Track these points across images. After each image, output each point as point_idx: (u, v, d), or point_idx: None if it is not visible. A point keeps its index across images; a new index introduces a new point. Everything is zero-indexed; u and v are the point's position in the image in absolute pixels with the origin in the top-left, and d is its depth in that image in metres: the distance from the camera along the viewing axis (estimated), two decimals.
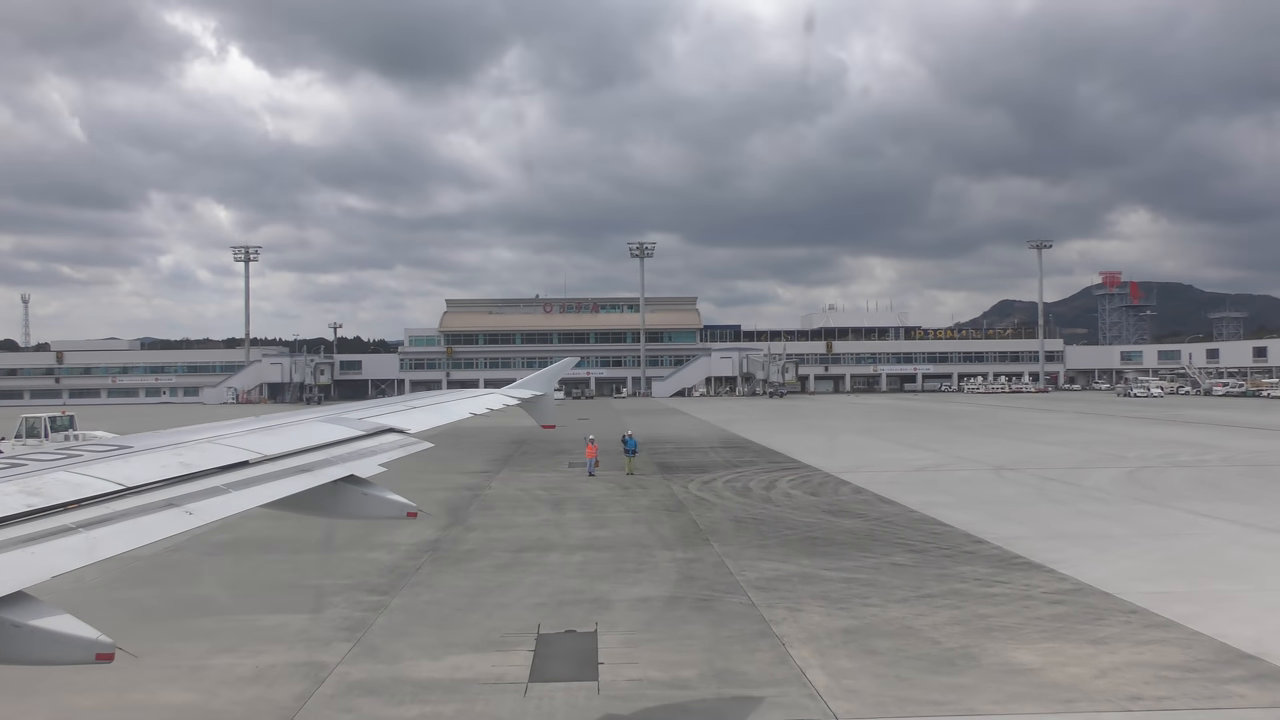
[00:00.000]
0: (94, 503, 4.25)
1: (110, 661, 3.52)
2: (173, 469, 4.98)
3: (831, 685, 12.01)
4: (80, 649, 3.49)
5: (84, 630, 3.51)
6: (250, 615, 15.99)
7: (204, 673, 12.90)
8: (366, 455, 6.41)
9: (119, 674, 12.79)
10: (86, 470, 4.67)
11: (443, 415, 9.00)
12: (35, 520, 3.90)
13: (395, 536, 23.39)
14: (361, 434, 6.91)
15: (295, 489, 5.40)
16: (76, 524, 3.99)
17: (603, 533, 23.57)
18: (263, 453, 5.72)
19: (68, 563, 3.71)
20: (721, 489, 31.68)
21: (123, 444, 5.52)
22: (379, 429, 7.20)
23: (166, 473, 4.89)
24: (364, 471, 6.06)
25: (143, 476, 4.72)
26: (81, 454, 5.07)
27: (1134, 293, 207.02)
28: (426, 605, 16.51)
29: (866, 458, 41.64)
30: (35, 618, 3.42)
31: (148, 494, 4.56)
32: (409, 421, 7.81)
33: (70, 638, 3.47)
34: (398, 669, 12.95)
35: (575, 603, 16.51)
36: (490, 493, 31.54)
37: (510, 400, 11.05)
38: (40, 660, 3.53)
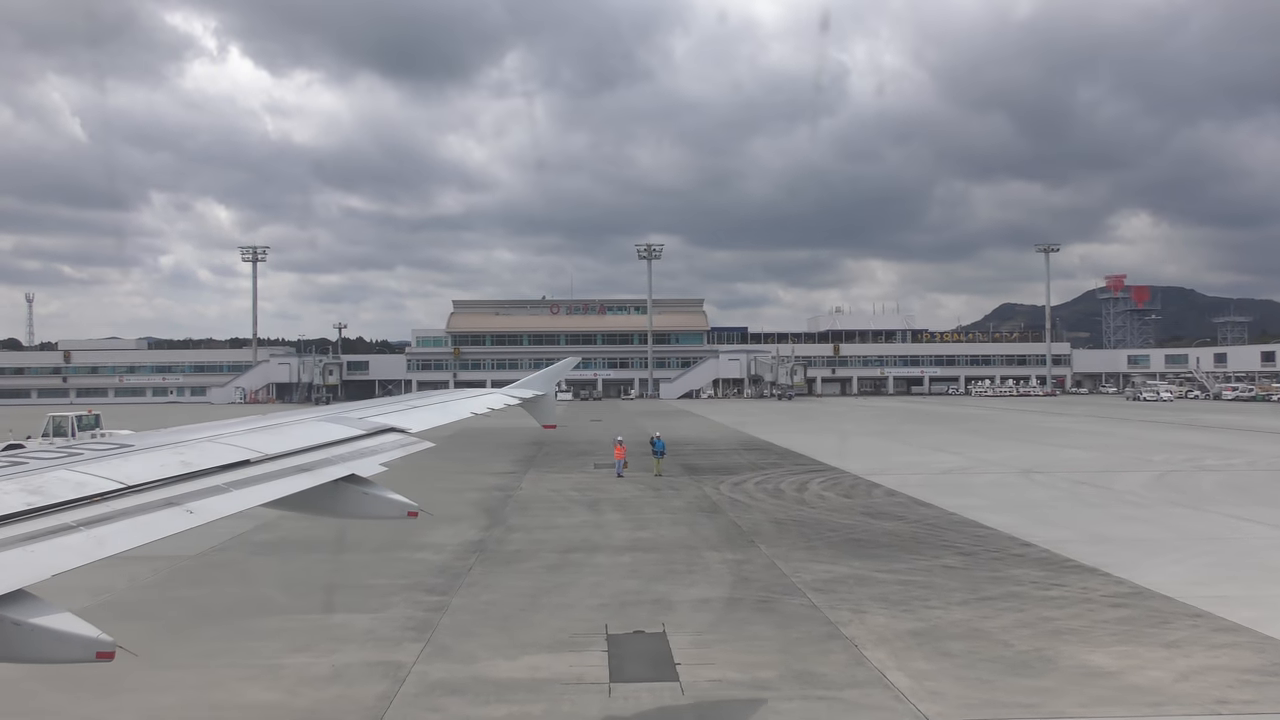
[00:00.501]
0: (95, 501, 4.26)
1: (110, 660, 3.51)
2: (173, 468, 5.00)
3: (915, 687, 12.00)
4: (80, 647, 3.48)
5: (84, 629, 3.51)
6: (313, 615, 15.99)
7: (281, 672, 12.89)
8: (367, 455, 6.43)
9: (199, 673, 12.83)
10: (87, 469, 4.68)
11: (444, 415, 9.01)
12: (36, 518, 3.90)
13: (438, 537, 23.41)
14: (362, 433, 6.94)
15: (296, 488, 5.41)
16: (77, 522, 3.99)
17: (645, 534, 23.56)
18: (263, 452, 5.74)
19: (69, 561, 3.70)
20: (753, 491, 31.66)
21: (124, 442, 5.53)
22: (380, 428, 7.24)
23: (167, 471, 4.91)
24: (365, 471, 6.07)
25: (143, 475, 4.74)
26: (82, 452, 5.09)
27: (1138, 297, 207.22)
28: (487, 605, 16.49)
29: (890, 460, 41.62)
30: (36, 616, 3.42)
31: (149, 493, 4.57)
32: (410, 421, 7.83)
33: (71, 636, 3.47)
34: (475, 669, 12.94)
35: (636, 603, 16.50)
36: (522, 494, 31.52)
37: (511, 400, 11.09)
38: (41, 658, 3.52)
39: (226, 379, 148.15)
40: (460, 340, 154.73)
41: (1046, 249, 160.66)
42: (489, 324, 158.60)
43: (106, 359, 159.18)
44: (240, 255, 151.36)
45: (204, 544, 22.09)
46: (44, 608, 3.47)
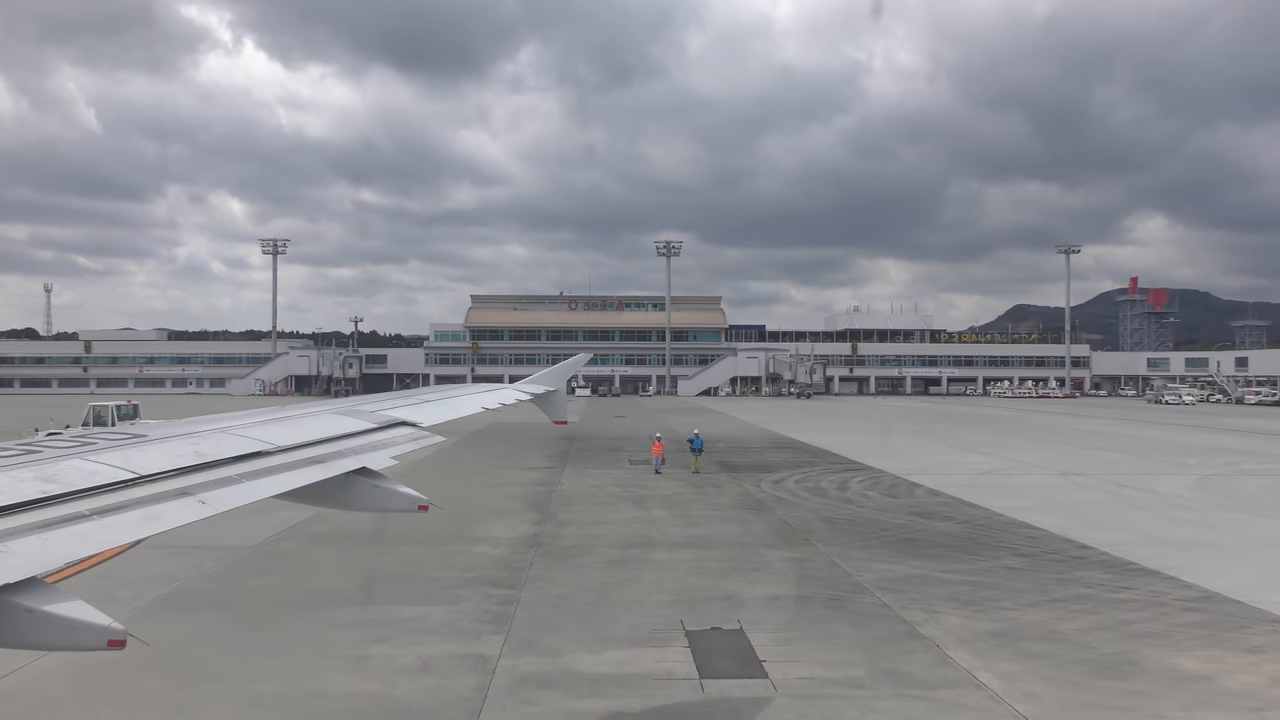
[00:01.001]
0: (108, 490, 4.28)
1: (122, 648, 3.49)
2: (187, 458, 5.03)
3: (1007, 688, 11.97)
4: (92, 635, 3.47)
5: (96, 616, 3.50)
6: (386, 606, 16.04)
7: (369, 663, 12.95)
8: (379, 448, 6.45)
9: (288, 662, 12.91)
10: (101, 458, 4.70)
11: (454, 409, 8.98)
12: (50, 507, 3.93)
13: (493, 531, 23.50)
14: (374, 427, 6.96)
15: (308, 480, 5.43)
16: (91, 511, 4.01)
17: (698, 530, 23.57)
18: (276, 443, 5.76)
19: (81, 549, 3.72)
20: (795, 489, 31.63)
21: (137, 433, 5.56)
22: (391, 422, 7.25)
23: (180, 462, 4.94)
24: (376, 464, 6.08)
25: (156, 465, 4.77)
26: (96, 442, 5.10)
27: (1156, 299, 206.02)
28: (558, 600, 16.52)
29: (925, 460, 41.50)
30: (48, 603, 3.42)
31: (161, 483, 4.60)
32: (421, 415, 7.83)
33: (83, 624, 3.46)
34: (562, 663, 12.97)
35: (706, 600, 16.51)
36: (565, 489, 31.55)
37: (522, 395, 11.09)
38: (53, 645, 3.54)
39: (245, 371, 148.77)
40: (478, 335, 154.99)
41: (1067, 250, 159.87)
42: (507, 319, 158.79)
43: (126, 349, 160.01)
44: (260, 248, 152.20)
45: (261, 534, 22.24)
46: (56, 595, 3.48)
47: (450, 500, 28.78)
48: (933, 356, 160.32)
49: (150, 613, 15.56)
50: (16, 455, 4.57)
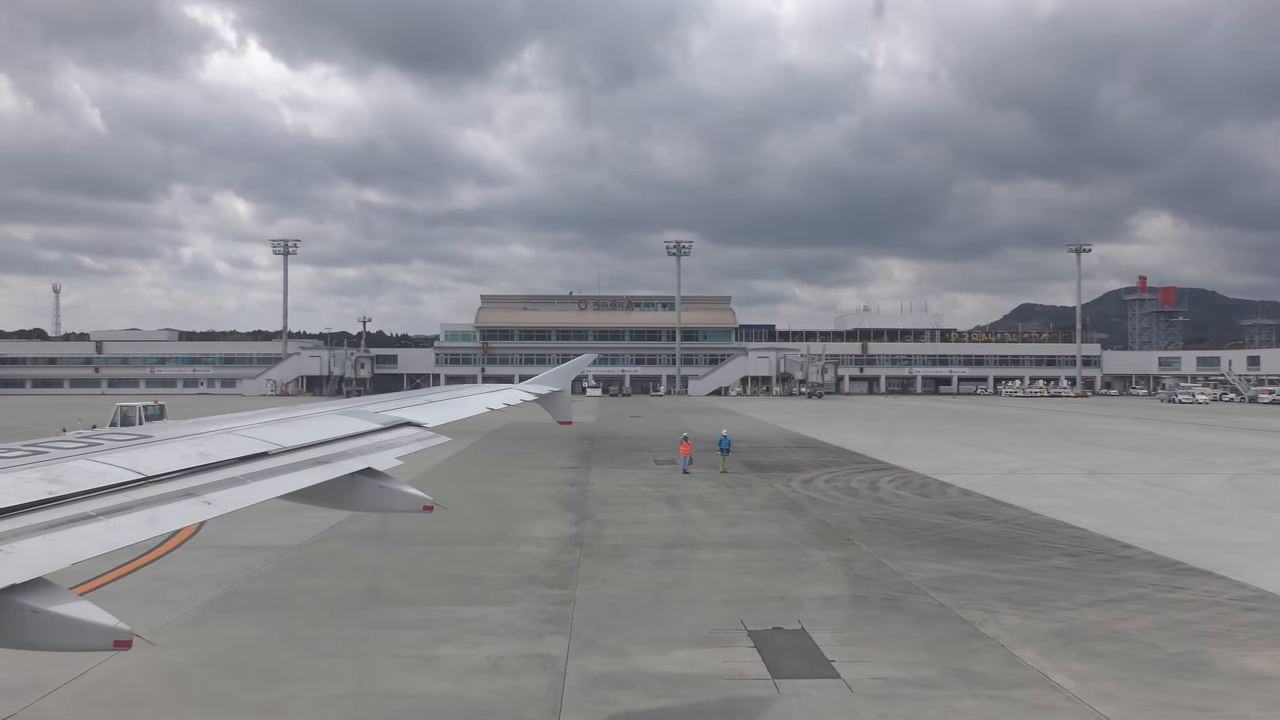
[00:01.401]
0: (114, 491, 4.28)
1: (128, 649, 3.49)
2: (192, 459, 5.03)
3: (1082, 688, 11.93)
4: (99, 636, 3.49)
5: (103, 617, 3.51)
6: (443, 606, 16.05)
7: (438, 663, 12.96)
8: (384, 448, 6.47)
9: (359, 662, 12.90)
10: (107, 459, 4.71)
11: (459, 410, 9.04)
12: (57, 507, 3.93)
13: (534, 530, 23.53)
14: (379, 427, 6.98)
15: (313, 480, 5.43)
16: (97, 511, 4.02)
17: (739, 530, 23.55)
18: (281, 444, 5.77)
19: (88, 550, 3.72)
20: (825, 488, 31.60)
21: (143, 434, 5.58)
22: (396, 422, 7.27)
23: (186, 463, 4.94)
24: (381, 464, 6.09)
25: (162, 466, 4.77)
26: (102, 443, 5.11)
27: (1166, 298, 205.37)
28: (613, 600, 16.52)
29: (950, 460, 41.42)
30: (55, 604, 3.44)
31: (167, 483, 4.60)
32: (426, 415, 7.86)
33: (89, 624, 3.48)
34: (630, 663, 12.96)
35: (761, 600, 16.49)
36: (596, 489, 31.54)
37: (527, 396, 11.11)
38: (59, 646, 3.53)
39: (256, 371, 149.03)
40: (488, 335, 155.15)
41: (1077, 249, 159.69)
42: (517, 319, 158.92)
43: (137, 350, 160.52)
44: (271, 248, 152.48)
45: (303, 535, 22.28)
46: (63, 596, 3.50)
47: (485, 500, 28.86)
48: (943, 356, 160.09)
49: (208, 613, 15.58)
50: (23, 456, 4.58)
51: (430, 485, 25.78)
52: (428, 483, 29.94)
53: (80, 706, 11.31)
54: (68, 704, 11.39)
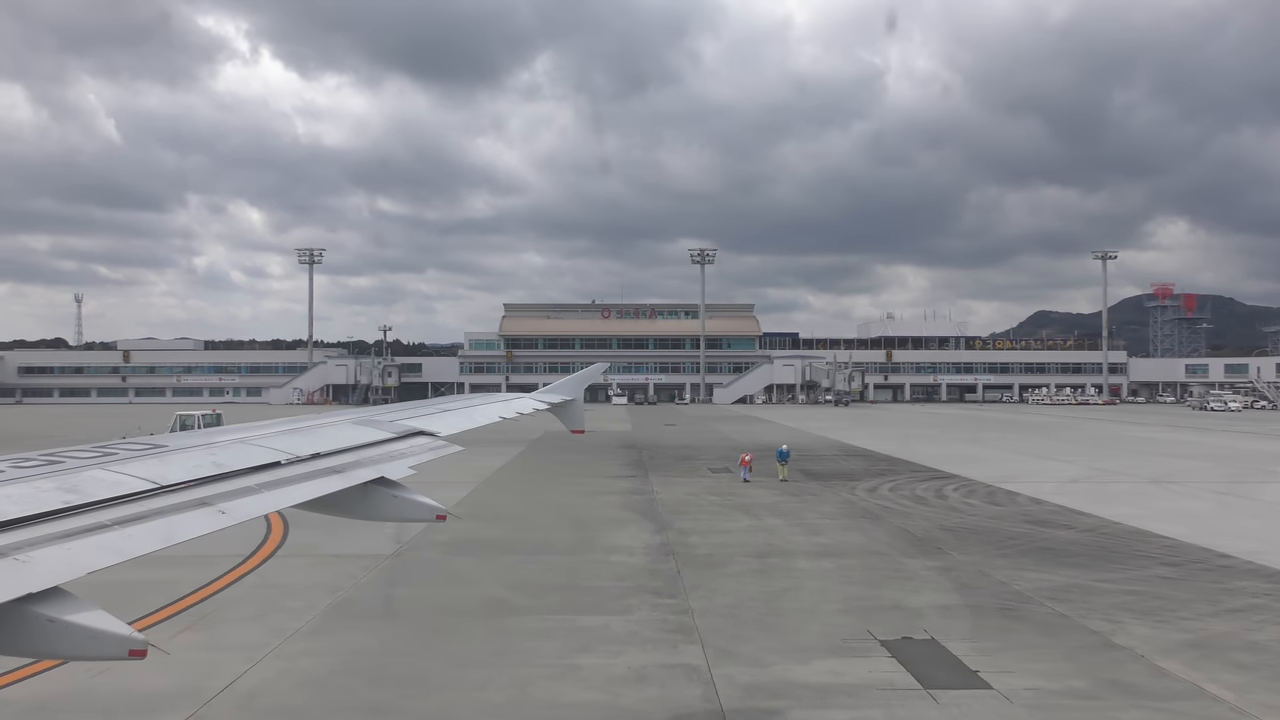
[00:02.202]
0: (129, 501, 4.29)
1: (143, 658, 3.47)
2: (206, 468, 5.05)
3: (1243, 700, 11.80)
4: (114, 645, 3.48)
5: (118, 626, 3.50)
6: (561, 615, 16.02)
7: (581, 672, 12.93)
8: (397, 458, 6.47)
9: (504, 671, 12.91)
10: (122, 468, 4.72)
11: (471, 419, 8.98)
12: (72, 517, 3.94)
13: (618, 539, 23.51)
14: (392, 436, 6.98)
15: (327, 490, 5.44)
16: (112, 521, 4.03)
17: (823, 539, 23.44)
18: (294, 454, 5.77)
19: (103, 559, 3.72)
20: (893, 497, 31.45)
21: (157, 443, 5.57)
22: (409, 432, 7.25)
23: (200, 472, 4.96)
24: (394, 474, 6.09)
25: (177, 475, 4.78)
26: (117, 452, 5.12)
27: (1188, 305, 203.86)
28: (729, 609, 16.45)
29: (1005, 468, 41.14)
30: (70, 613, 3.44)
31: (182, 493, 4.60)
32: (439, 425, 7.82)
33: (104, 633, 3.47)
34: (775, 672, 12.90)
35: (877, 609, 16.39)
36: (663, 498, 31.47)
37: (540, 405, 11.10)
38: (75, 655, 3.53)
39: (282, 380, 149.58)
40: (513, 344, 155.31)
41: (1103, 256, 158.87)
42: (541, 327, 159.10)
43: (164, 359, 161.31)
44: (296, 257, 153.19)
45: (390, 544, 22.33)
46: (78, 605, 3.50)
47: (557, 510, 28.86)
48: (968, 363, 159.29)
49: (333, 621, 15.59)
50: (39, 465, 4.61)
51: (493, 494, 26.14)
52: (489, 492, 30.05)
53: (244, 718, 11.33)
54: (230, 714, 11.42)
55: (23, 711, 11.52)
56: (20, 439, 58.38)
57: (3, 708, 11.62)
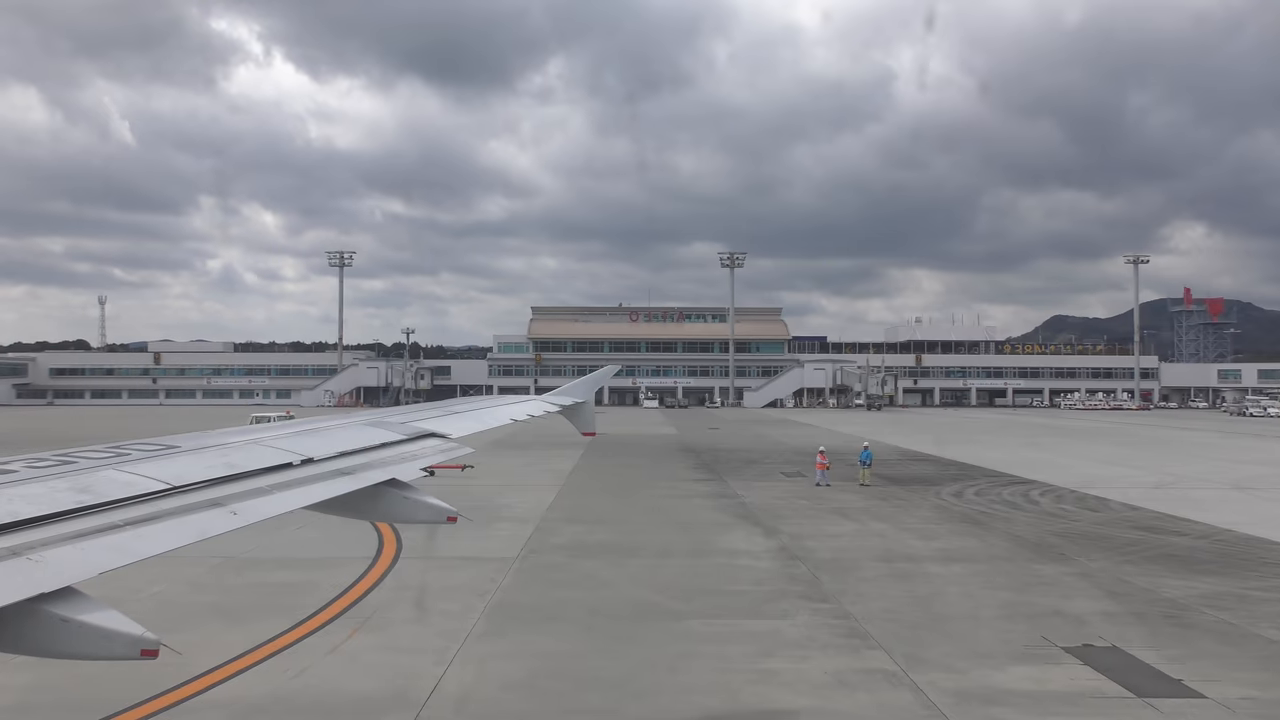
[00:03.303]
0: (142, 501, 4.30)
1: (155, 657, 3.49)
2: (218, 469, 5.06)
3: None
4: (126, 645, 3.48)
5: (130, 626, 3.50)
6: (725, 619, 15.94)
7: (781, 677, 12.81)
8: (408, 459, 6.50)
9: (707, 676, 12.78)
10: (135, 469, 4.73)
11: (482, 421, 9.03)
12: (85, 517, 3.95)
13: (731, 543, 23.47)
14: (403, 438, 7.00)
15: (338, 491, 5.45)
16: (125, 521, 4.04)
17: (939, 544, 23.25)
18: (306, 455, 5.79)
19: (116, 559, 3.73)
20: (981, 500, 31.23)
21: (170, 444, 5.59)
22: (420, 433, 7.28)
23: (212, 473, 4.97)
24: (406, 475, 6.10)
25: (189, 476, 4.79)
26: (130, 453, 5.13)
27: (1214, 309, 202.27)
28: (887, 613, 16.30)
29: (1079, 473, 40.72)
30: (83, 613, 3.45)
31: (194, 493, 4.62)
32: (450, 427, 7.85)
33: (116, 633, 3.47)
34: (973, 678, 12.76)
35: (1040, 615, 16.22)
36: (751, 501, 31.31)
37: (551, 407, 11.05)
38: (88, 655, 3.52)
39: (313, 382, 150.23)
40: (541, 346, 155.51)
41: (1135, 260, 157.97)
42: (569, 330, 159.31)
43: (194, 361, 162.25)
44: (328, 260, 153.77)
45: (512, 546, 22.31)
46: (91, 605, 3.51)
47: (654, 514, 28.81)
48: (998, 368, 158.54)
49: (498, 624, 15.51)
50: (53, 466, 4.62)
51: (580, 497, 26.33)
52: (575, 495, 30.05)
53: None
54: (448, 717, 11.37)
55: (239, 713, 11.50)
56: (74, 441, 58.78)
57: (216, 710, 11.61)
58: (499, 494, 32.88)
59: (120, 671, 12.63)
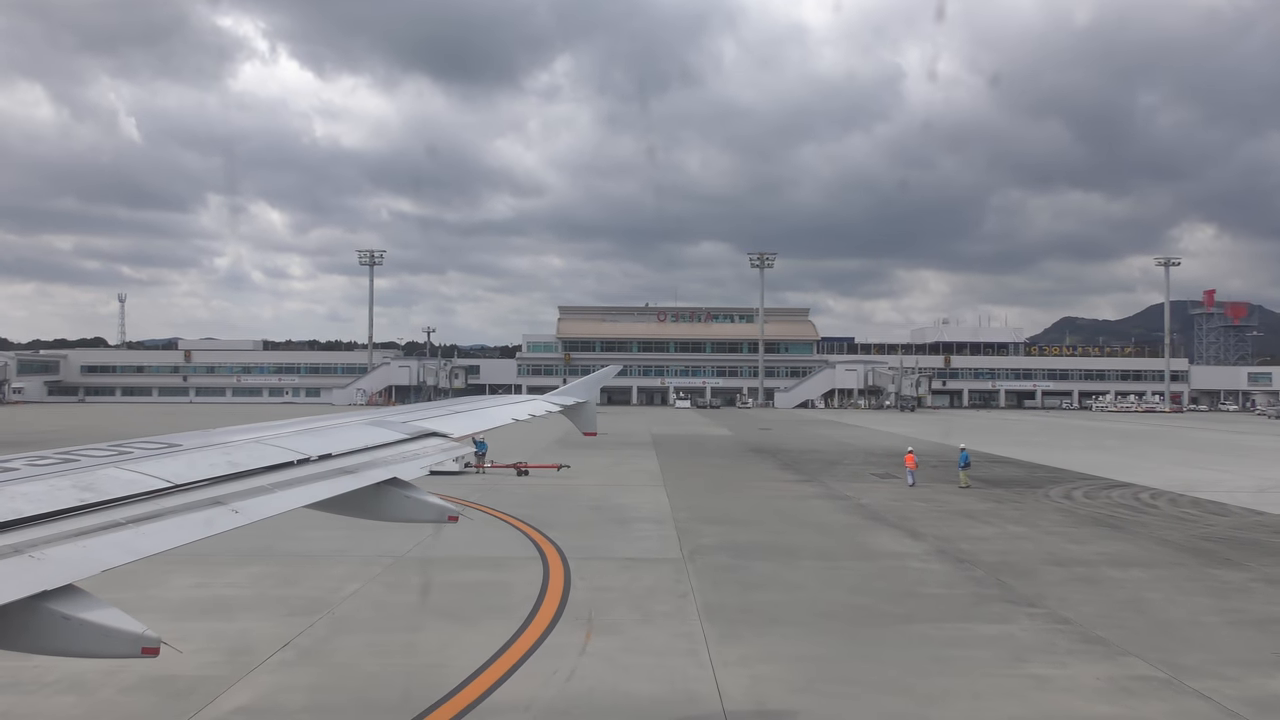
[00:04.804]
0: (144, 499, 4.32)
1: (155, 656, 3.52)
2: (220, 468, 5.08)
3: None
4: (127, 643, 3.52)
5: (131, 624, 3.54)
6: (952, 624, 15.77)
7: (1053, 683, 12.67)
8: (410, 459, 6.51)
9: (982, 680, 12.64)
10: (137, 467, 4.76)
11: (484, 421, 9.09)
12: (87, 515, 3.97)
13: (882, 544, 23.32)
14: (404, 437, 7.01)
15: (339, 490, 5.48)
16: (127, 519, 4.06)
17: (1097, 548, 23.05)
18: (308, 454, 5.81)
19: (117, 557, 3.76)
20: (1094, 504, 31.06)
21: (172, 442, 5.60)
22: (421, 433, 7.28)
23: (214, 471, 4.99)
24: (407, 474, 6.12)
25: (191, 474, 4.82)
26: (132, 451, 5.14)
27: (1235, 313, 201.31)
28: (1108, 618, 16.07)
29: (1170, 475, 40.40)
30: (84, 611, 3.48)
31: (196, 492, 4.64)
32: (451, 426, 7.83)
33: (117, 631, 3.51)
34: (1251, 686, 12.61)
35: (1264, 622, 16.07)
36: (869, 503, 31.15)
37: (552, 407, 10.99)
38: (89, 653, 3.56)
39: (344, 381, 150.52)
40: (570, 346, 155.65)
41: (1166, 262, 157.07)
42: (597, 330, 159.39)
43: (224, 359, 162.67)
44: (358, 259, 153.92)
45: (670, 548, 22.27)
46: (92, 603, 3.53)
47: (778, 513, 28.74)
48: (1027, 370, 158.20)
49: (724, 625, 15.36)
50: (55, 464, 4.63)
51: (692, 498, 26.70)
52: (686, 496, 29.89)
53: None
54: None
55: (543, 715, 11.43)
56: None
57: (517, 713, 11.52)
58: (608, 494, 32.84)
59: (397, 672, 12.65)
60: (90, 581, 3.57)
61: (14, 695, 11.70)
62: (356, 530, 20.55)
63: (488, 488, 33.83)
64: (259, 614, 16.06)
